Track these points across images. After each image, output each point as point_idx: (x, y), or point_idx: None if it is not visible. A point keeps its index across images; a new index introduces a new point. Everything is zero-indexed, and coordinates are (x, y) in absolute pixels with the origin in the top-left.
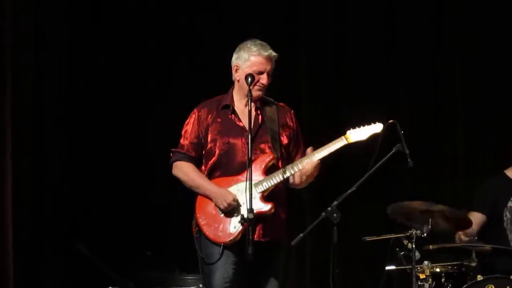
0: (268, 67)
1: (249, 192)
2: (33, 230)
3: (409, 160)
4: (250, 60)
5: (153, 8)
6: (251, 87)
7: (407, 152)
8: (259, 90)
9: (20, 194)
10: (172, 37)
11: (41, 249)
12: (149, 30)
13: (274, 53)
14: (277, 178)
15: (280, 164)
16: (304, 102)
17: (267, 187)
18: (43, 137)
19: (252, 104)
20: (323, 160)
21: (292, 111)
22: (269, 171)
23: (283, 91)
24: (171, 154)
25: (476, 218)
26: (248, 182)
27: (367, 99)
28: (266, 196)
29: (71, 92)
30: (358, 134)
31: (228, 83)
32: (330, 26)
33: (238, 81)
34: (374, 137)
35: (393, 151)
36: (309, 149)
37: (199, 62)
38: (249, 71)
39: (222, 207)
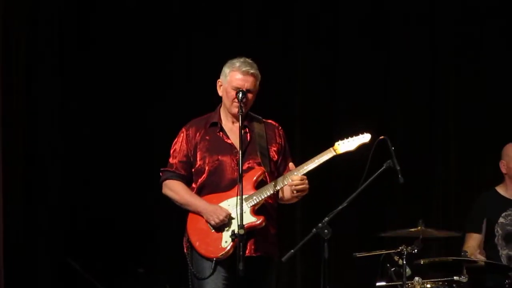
0: (247, 84)
1: (240, 208)
2: (25, 245)
3: (399, 176)
4: (229, 75)
5: (152, 8)
6: (227, 102)
7: (398, 168)
8: (237, 107)
9: (12, 207)
10: (172, 38)
11: (33, 263)
12: (148, 29)
13: (252, 71)
14: (267, 192)
15: (269, 179)
16: (297, 116)
17: (258, 201)
18: (35, 148)
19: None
20: (311, 173)
21: (280, 127)
22: (259, 185)
23: (276, 105)
24: (160, 174)
25: (475, 238)
26: (238, 198)
27: (360, 115)
28: (257, 210)
29: (65, 93)
30: (347, 145)
31: None
32: (326, 35)
33: (222, 96)
34: (364, 149)
35: (384, 167)
36: (290, 165)
37: (198, 65)
38: (228, 86)
39: (213, 223)
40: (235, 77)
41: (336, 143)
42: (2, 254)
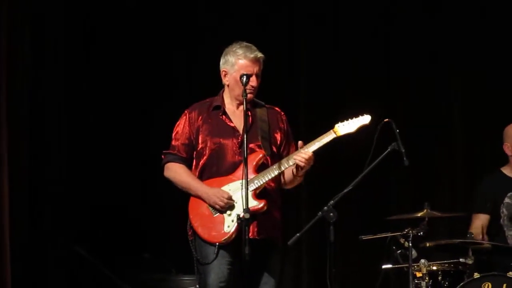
0: (256, 69)
1: (245, 192)
2: (31, 232)
3: (405, 158)
4: (237, 63)
5: (154, 7)
6: (238, 89)
7: (403, 150)
8: (250, 92)
9: (17, 196)
10: (174, 35)
11: (40, 252)
12: (151, 26)
13: (260, 54)
14: (268, 175)
15: (270, 163)
16: (302, 105)
17: (259, 184)
18: (40, 140)
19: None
20: (316, 156)
21: (283, 113)
22: (259, 169)
23: (281, 95)
24: (162, 156)
25: (482, 219)
26: (244, 181)
27: (364, 99)
28: (258, 194)
29: (70, 87)
30: (347, 127)
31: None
32: (329, 24)
33: (228, 85)
34: (367, 130)
35: (389, 149)
36: (300, 143)
37: (201, 62)
38: (237, 75)
39: (218, 206)
40: (244, 64)
41: (336, 125)
42: (8, 242)
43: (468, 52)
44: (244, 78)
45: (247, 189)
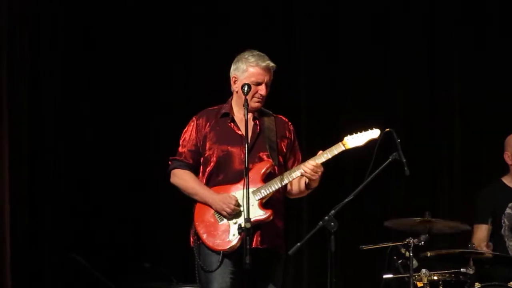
0: (267, 78)
1: (247, 201)
2: (31, 240)
3: (406, 168)
4: (248, 71)
5: (153, 14)
6: (247, 97)
7: (404, 160)
8: (258, 101)
9: (18, 204)
10: (174, 36)
11: (39, 259)
12: (150, 27)
13: (272, 64)
14: (275, 185)
15: (277, 172)
16: (303, 112)
17: (265, 194)
18: (40, 144)
19: (250, 114)
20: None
21: (290, 123)
22: (266, 178)
23: (282, 101)
24: (169, 162)
25: (484, 230)
26: (245, 191)
27: (364, 109)
28: (264, 203)
29: (67, 93)
30: (356, 140)
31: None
32: (327, 33)
33: (237, 92)
34: (371, 143)
35: (390, 159)
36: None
37: (199, 63)
38: (247, 81)
39: (225, 212)
40: (255, 72)
41: (345, 138)
42: (8, 251)
43: (468, 56)
44: (246, 88)
45: (248, 198)
